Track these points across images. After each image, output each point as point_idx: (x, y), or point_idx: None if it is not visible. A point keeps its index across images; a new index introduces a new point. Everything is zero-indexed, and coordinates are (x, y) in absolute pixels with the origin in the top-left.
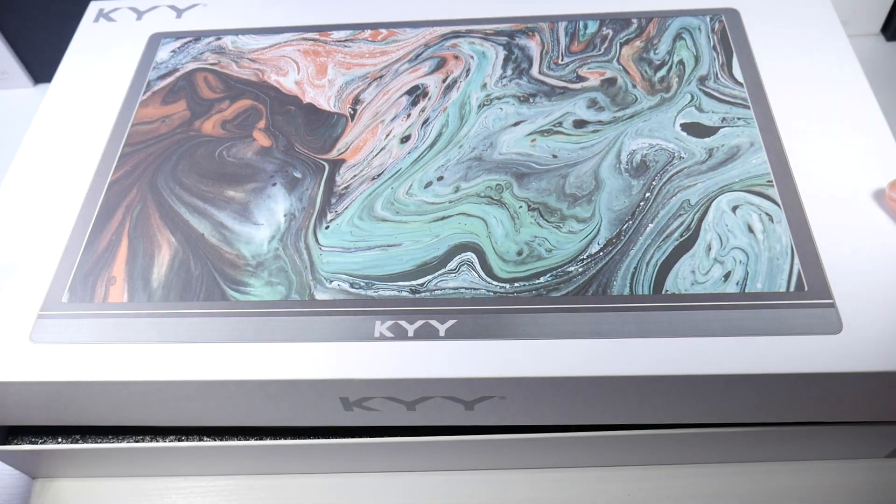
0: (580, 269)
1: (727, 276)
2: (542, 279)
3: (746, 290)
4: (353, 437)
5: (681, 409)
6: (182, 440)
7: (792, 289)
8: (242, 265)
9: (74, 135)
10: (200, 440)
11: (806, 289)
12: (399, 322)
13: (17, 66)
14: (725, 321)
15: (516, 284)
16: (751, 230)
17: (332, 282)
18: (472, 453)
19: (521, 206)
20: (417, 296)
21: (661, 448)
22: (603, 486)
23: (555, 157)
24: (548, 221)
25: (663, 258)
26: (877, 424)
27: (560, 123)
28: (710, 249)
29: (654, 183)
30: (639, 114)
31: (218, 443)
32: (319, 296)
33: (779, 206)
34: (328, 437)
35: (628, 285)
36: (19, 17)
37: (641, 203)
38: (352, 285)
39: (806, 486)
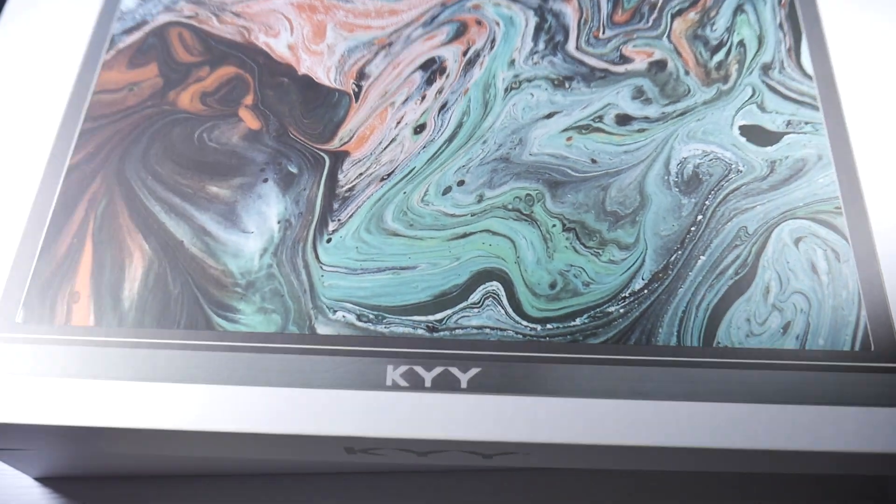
0: (622, 311)
1: (786, 327)
2: (577, 321)
3: (807, 347)
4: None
5: (720, 468)
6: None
7: (857, 347)
8: (230, 285)
9: (25, 104)
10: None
11: (872, 349)
12: (415, 368)
13: None
14: (783, 385)
15: (549, 326)
16: (814, 270)
17: (336, 311)
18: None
19: (554, 225)
20: (436, 335)
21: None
22: (603, 486)
23: (594, 161)
24: (585, 246)
25: (716, 301)
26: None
27: (600, 118)
28: (768, 293)
29: (707, 202)
30: (692, 110)
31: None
32: (321, 329)
33: (847, 241)
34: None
35: (676, 333)
36: None
37: (692, 228)
38: (359, 317)
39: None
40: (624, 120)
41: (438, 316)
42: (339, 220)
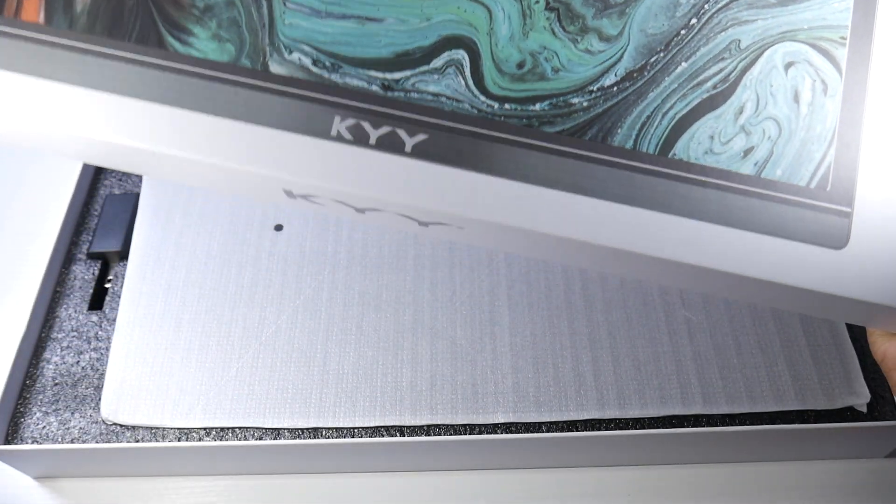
0: (585, 104)
1: (748, 152)
2: (537, 106)
3: (763, 175)
4: (352, 437)
5: (643, 275)
6: (182, 440)
7: (813, 184)
8: (187, 5)
9: None
10: (200, 440)
11: (828, 188)
12: (362, 123)
13: None
14: (725, 207)
15: (507, 106)
16: (796, 99)
17: (292, 52)
18: (471, 453)
19: (537, 2)
20: (389, 94)
21: (660, 448)
22: (603, 485)
23: None
24: (565, 30)
25: (684, 112)
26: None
27: None
28: (740, 113)
29: (706, 6)
30: None
31: (218, 443)
32: (275, 68)
33: (840, 75)
34: (328, 438)
35: (633, 137)
36: None
37: (682, 31)
38: (315, 62)
39: (806, 486)
40: None
41: (396, 75)
42: None
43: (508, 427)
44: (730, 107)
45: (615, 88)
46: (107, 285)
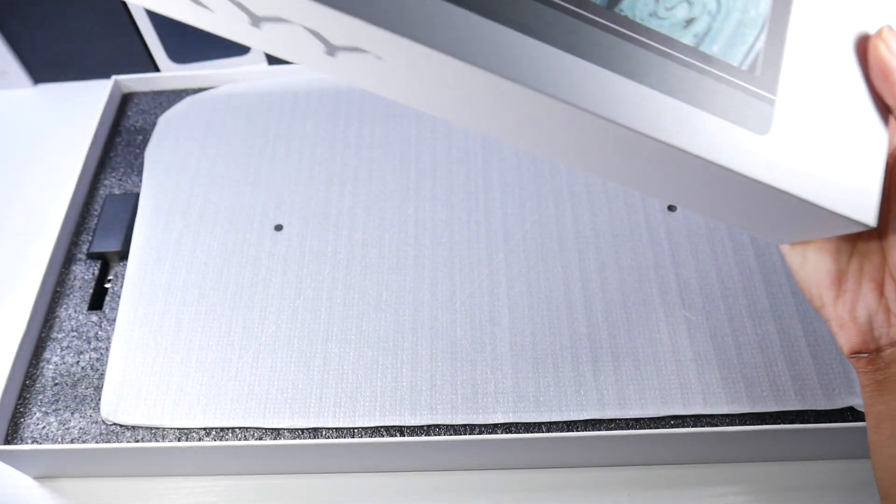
0: None
1: (689, 22)
2: None
3: (701, 48)
4: (352, 437)
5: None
6: (182, 440)
7: (745, 66)
8: None
9: None
10: (200, 440)
11: (757, 73)
12: None
13: (17, 66)
14: (660, 72)
15: None
16: None
17: None
18: (471, 453)
19: None
20: None
21: (660, 448)
22: (603, 485)
23: None
24: None
25: None
26: None
27: None
28: None
29: None
30: None
31: (218, 443)
32: None
33: None
34: (328, 438)
35: None
36: (19, 17)
37: None
38: None
39: (806, 486)
40: None
41: None
42: None
43: (508, 427)
44: None
45: None
46: (107, 285)
